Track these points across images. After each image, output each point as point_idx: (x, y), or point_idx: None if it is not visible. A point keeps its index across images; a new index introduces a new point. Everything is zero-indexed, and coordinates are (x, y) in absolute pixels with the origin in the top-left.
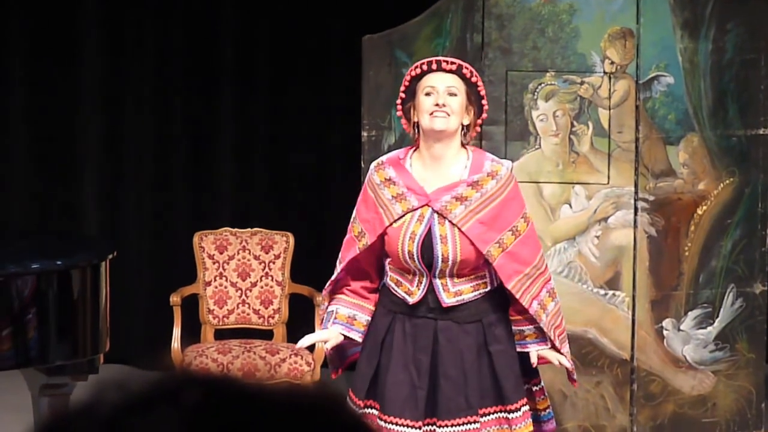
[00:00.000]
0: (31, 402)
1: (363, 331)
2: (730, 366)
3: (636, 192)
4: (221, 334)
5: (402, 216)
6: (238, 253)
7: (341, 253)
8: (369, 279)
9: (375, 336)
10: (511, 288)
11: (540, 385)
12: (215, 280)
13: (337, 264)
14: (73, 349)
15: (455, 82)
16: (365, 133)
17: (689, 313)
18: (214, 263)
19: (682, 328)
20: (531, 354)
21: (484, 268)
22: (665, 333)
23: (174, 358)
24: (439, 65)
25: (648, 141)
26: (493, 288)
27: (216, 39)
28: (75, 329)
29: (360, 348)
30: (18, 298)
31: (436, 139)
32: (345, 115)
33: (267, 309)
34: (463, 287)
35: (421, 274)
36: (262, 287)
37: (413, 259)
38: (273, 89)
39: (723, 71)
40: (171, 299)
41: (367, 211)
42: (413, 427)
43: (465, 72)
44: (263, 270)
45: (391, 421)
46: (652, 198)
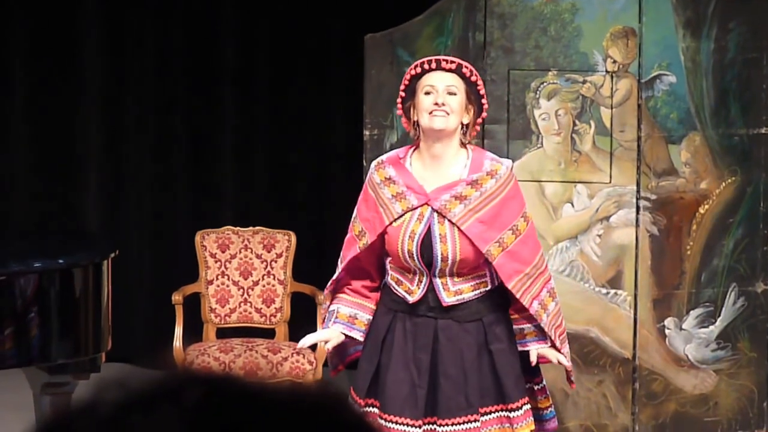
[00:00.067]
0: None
1: (364, 330)
2: (731, 365)
3: (638, 191)
4: (223, 332)
5: (402, 215)
6: (240, 252)
7: (342, 253)
8: (370, 278)
9: (376, 335)
10: (512, 288)
11: (542, 384)
12: (217, 278)
13: (339, 263)
14: (75, 348)
15: (455, 81)
16: (367, 132)
17: (691, 312)
18: (216, 262)
19: (684, 327)
20: (531, 352)
21: (484, 267)
22: (667, 332)
23: (176, 356)
24: (439, 64)
25: (650, 140)
26: (494, 287)
27: (217, 38)
28: (77, 328)
29: (361, 347)
30: (20, 296)
31: (435, 139)
32: (347, 114)
33: (269, 308)
34: (463, 286)
35: (421, 273)
36: (264, 286)
37: (413, 258)
38: (274, 88)
39: (725, 70)
40: (173, 298)
41: (368, 211)
42: (413, 426)
43: (465, 71)
44: (265, 269)
45: (391, 420)
46: (654, 197)
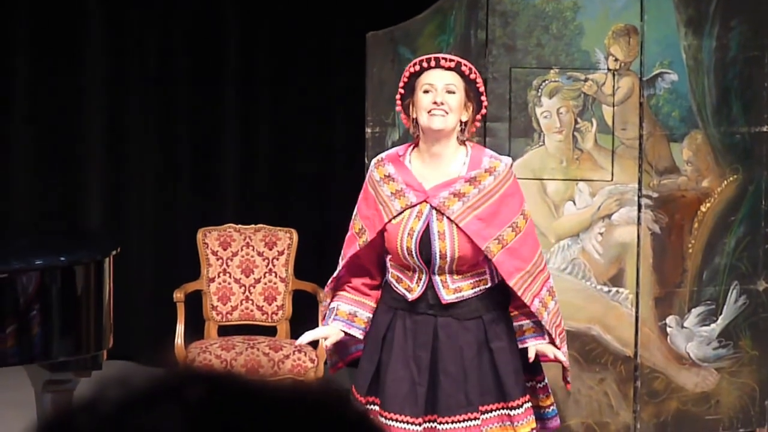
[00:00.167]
0: (35, 398)
1: (364, 328)
2: (733, 363)
3: (640, 189)
4: (225, 330)
5: (401, 212)
6: (241, 250)
7: (343, 250)
8: (370, 276)
9: (376, 333)
10: (513, 285)
11: (544, 383)
12: (219, 276)
13: (340, 261)
14: (77, 346)
15: (454, 79)
16: (369, 130)
17: (693, 311)
18: (217, 259)
19: (685, 325)
20: (529, 349)
21: (483, 264)
22: (669, 330)
23: (177, 354)
24: (438, 62)
25: (652, 138)
26: (494, 285)
27: (219, 36)
28: (78, 325)
29: (362, 345)
30: (22, 294)
31: (434, 138)
32: (348, 112)
33: (270, 305)
34: (463, 284)
35: (421, 270)
36: (265, 284)
37: (412, 256)
38: (276, 86)
39: (727, 68)
40: (174, 295)
41: (368, 208)
42: (413, 424)
43: (464, 69)
44: (267, 266)
45: (392, 418)
46: (655, 195)
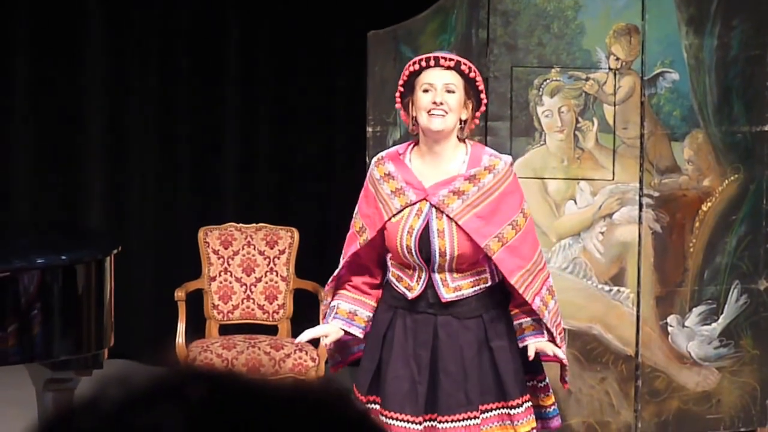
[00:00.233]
0: (35, 397)
1: (364, 327)
2: (734, 362)
3: (641, 188)
4: (226, 329)
5: (400, 210)
6: (242, 249)
7: (344, 249)
8: (371, 275)
9: (377, 332)
10: (514, 283)
11: (545, 382)
12: (220, 275)
13: (341, 260)
14: (78, 344)
15: (453, 78)
16: (370, 129)
17: (694, 310)
18: (218, 258)
19: (686, 324)
20: (529, 347)
21: (484, 263)
22: (670, 329)
23: (178, 353)
24: (437, 62)
25: (653, 137)
26: (494, 284)
27: (220, 35)
28: (79, 324)
29: (364, 345)
30: (23, 293)
31: (434, 138)
32: (350, 111)
33: (271, 304)
34: (463, 282)
35: (420, 269)
36: (266, 283)
37: (411, 254)
38: (278, 85)
39: (728, 67)
40: (175, 294)
41: (368, 207)
42: (413, 422)
43: (463, 68)
44: (268, 265)
45: (392, 416)
46: (656, 194)
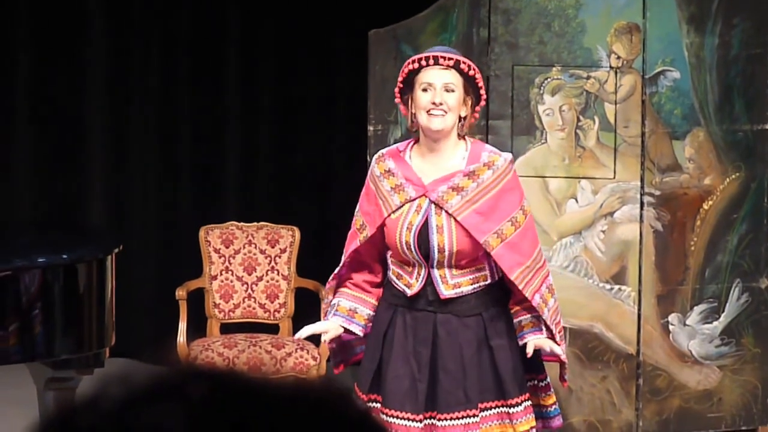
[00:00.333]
0: (37, 396)
1: (364, 325)
2: (735, 361)
3: (642, 187)
4: (227, 328)
5: (400, 207)
6: (244, 248)
7: (345, 247)
8: (372, 273)
9: (377, 330)
10: (514, 279)
11: (546, 381)
12: (221, 274)
13: (342, 258)
14: (79, 343)
15: (453, 77)
16: (371, 128)
17: (695, 308)
18: (220, 257)
19: (687, 322)
20: (528, 344)
21: (483, 260)
22: (671, 328)
23: (180, 352)
24: (437, 61)
25: (654, 136)
26: (493, 281)
27: (222, 33)
28: (81, 323)
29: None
30: (24, 292)
31: (433, 138)
32: (351, 110)
33: (273, 303)
34: (462, 279)
35: (420, 265)
36: (267, 281)
37: (410, 250)
38: (279, 83)
39: (729, 66)
40: (177, 293)
41: (368, 204)
42: (414, 420)
43: (462, 67)
44: (269, 264)
45: (393, 415)
46: (658, 193)
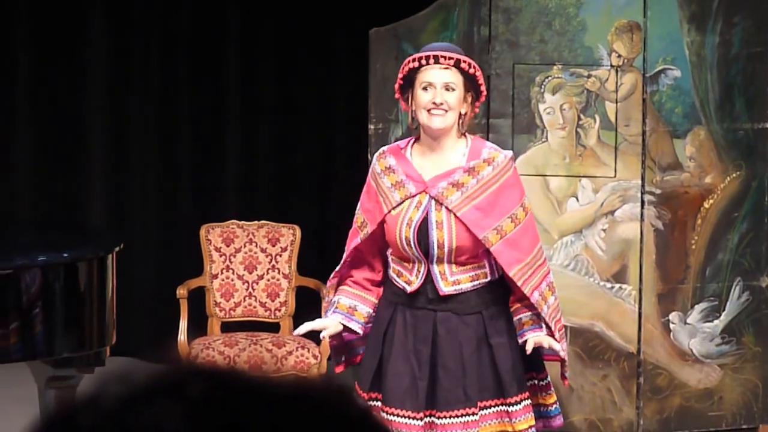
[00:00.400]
0: (38, 394)
1: (363, 323)
2: (736, 359)
3: (643, 185)
4: (228, 326)
5: (400, 203)
6: (244, 246)
7: (346, 245)
8: (372, 270)
9: (378, 328)
10: (513, 275)
11: (546, 380)
12: (222, 272)
13: (344, 256)
14: (80, 342)
15: (453, 77)
16: (372, 126)
17: (696, 307)
18: (220, 256)
19: (688, 321)
20: (528, 341)
21: (483, 257)
22: (672, 326)
23: (180, 350)
24: (437, 61)
25: (655, 134)
26: (493, 279)
27: (223, 32)
28: (81, 322)
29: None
30: (25, 290)
31: (434, 137)
32: (352, 108)
33: (273, 302)
34: (462, 276)
35: (419, 261)
36: (268, 280)
37: (410, 246)
38: (280, 82)
39: (730, 65)
40: (177, 292)
41: (369, 201)
42: (414, 418)
43: (463, 66)
44: (270, 263)
45: (393, 413)
46: (658, 191)
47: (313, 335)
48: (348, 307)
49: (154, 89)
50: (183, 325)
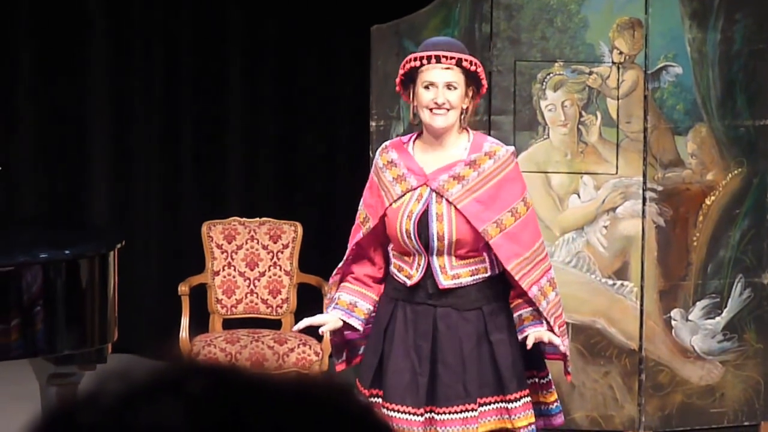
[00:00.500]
0: (39, 391)
1: (363, 319)
2: (738, 356)
3: (644, 182)
4: (229, 323)
5: (401, 196)
6: (246, 243)
7: (349, 241)
8: (373, 266)
9: (378, 324)
10: (511, 269)
11: (547, 378)
12: (223, 269)
13: (346, 252)
14: (81, 339)
15: (455, 76)
16: (373, 123)
17: (697, 304)
18: (222, 253)
19: (690, 318)
20: (528, 337)
21: (483, 251)
22: (673, 323)
23: (182, 347)
24: (438, 60)
25: (656, 131)
26: (494, 274)
27: (225, 30)
28: (83, 319)
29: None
30: (26, 288)
31: (436, 135)
32: (353, 105)
33: (275, 299)
34: (462, 270)
35: (420, 255)
36: (270, 277)
37: (410, 238)
38: (281, 79)
39: (731, 61)
40: (179, 289)
41: (372, 197)
42: (414, 414)
43: (465, 64)
44: (271, 260)
45: (393, 409)
46: (660, 188)
47: (315, 332)
48: (348, 304)
49: (155, 87)
50: (184, 322)
